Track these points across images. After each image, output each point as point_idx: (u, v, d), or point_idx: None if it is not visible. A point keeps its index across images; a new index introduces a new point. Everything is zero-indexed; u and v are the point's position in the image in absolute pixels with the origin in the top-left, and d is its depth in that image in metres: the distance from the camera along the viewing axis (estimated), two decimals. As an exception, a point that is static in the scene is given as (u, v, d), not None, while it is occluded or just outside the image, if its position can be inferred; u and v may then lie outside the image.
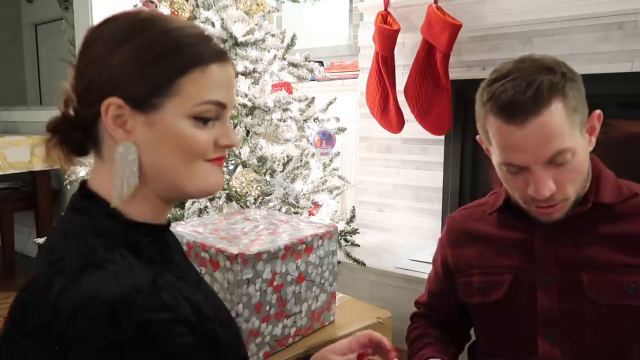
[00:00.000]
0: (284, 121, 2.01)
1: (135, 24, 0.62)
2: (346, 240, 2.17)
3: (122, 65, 0.60)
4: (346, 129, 2.19)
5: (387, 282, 2.09)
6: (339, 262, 2.08)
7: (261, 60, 1.98)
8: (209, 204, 1.81)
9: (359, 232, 2.21)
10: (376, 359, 0.85)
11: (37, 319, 0.53)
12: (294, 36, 2.11)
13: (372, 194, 2.59)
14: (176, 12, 1.95)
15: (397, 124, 2.28)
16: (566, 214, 0.88)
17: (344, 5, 3.14)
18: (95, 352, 0.50)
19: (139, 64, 0.60)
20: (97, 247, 0.58)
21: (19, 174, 2.95)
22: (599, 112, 0.88)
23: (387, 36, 2.17)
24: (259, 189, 1.87)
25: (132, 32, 0.61)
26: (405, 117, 2.26)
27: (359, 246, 2.20)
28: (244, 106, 1.94)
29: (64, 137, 0.64)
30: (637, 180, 0.94)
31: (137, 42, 0.61)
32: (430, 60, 2.12)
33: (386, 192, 2.54)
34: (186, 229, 1.13)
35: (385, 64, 2.22)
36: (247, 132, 1.98)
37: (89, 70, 0.61)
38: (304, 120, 2.07)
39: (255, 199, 1.88)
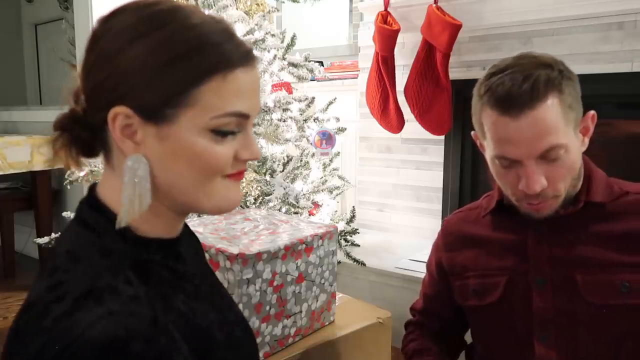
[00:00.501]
0: (284, 121, 2.01)
1: (150, 18, 0.54)
2: (346, 240, 2.17)
3: (133, 67, 0.52)
4: (346, 129, 2.19)
5: (387, 282, 2.09)
6: (339, 262, 2.08)
7: (261, 60, 1.98)
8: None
9: (359, 232, 2.22)
10: None
11: (27, 349, 0.48)
12: (294, 36, 2.11)
13: (372, 194, 2.59)
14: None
15: (397, 124, 2.28)
16: (557, 212, 0.88)
17: (344, 5, 3.14)
18: None
19: (153, 68, 0.52)
20: (101, 270, 0.52)
21: (19, 174, 2.95)
22: (593, 113, 0.88)
23: (387, 36, 2.17)
24: (259, 189, 1.87)
25: (146, 28, 0.53)
26: (405, 117, 2.26)
27: (359, 246, 2.21)
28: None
29: (73, 137, 0.57)
30: (637, 180, 0.94)
31: (152, 41, 0.53)
32: (430, 60, 2.12)
33: (386, 192, 2.54)
34: (186, 229, 1.13)
35: (385, 64, 2.22)
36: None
37: (97, 70, 0.54)
38: (304, 120, 2.07)
39: (255, 199, 1.88)
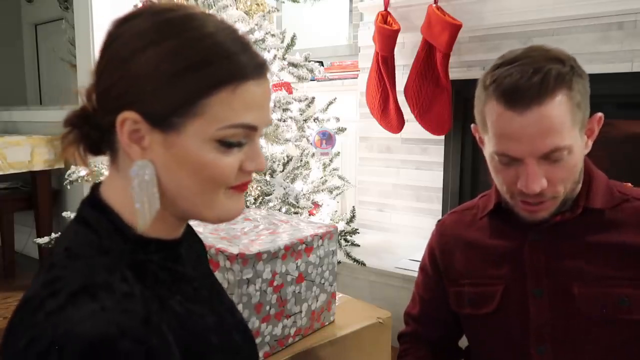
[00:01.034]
0: (284, 121, 2.01)
1: (164, 25, 0.54)
2: (346, 240, 2.17)
3: (144, 74, 0.53)
4: (346, 129, 2.19)
5: (387, 282, 2.09)
6: (339, 262, 2.08)
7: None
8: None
9: (359, 232, 2.22)
10: None
11: (17, 343, 0.48)
12: (294, 36, 2.11)
13: (372, 194, 2.59)
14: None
15: (397, 124, 2.28)
16: (554, 218, 0.85)
17: (344, 5, 3.14)
18: None
19: (163, 76, 0.53)
20: (98, 267, 0.53)
21: (19, 174, 2.95)
22: (600, 115, 0.84)
23: (387, 36, 2.17)
24: (259, 189, 1.87)
25: (159, 35, 0.53)
26: (405, 117, 2.26)
27: (359, 246, 2.20)
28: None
29: (82, 134, 0.58)
30: (637, 180, 0.93)
31: (164, 48, 0.53)
32: (430, 60, 2.12)
33: (386, 192, 2.54)
34: (186, 229, 1.13)
35: (385, 64, 2.22)
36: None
37: (108, 73, 0.55)
38: (304, 120, 2.07)
39: (255, 199, 1.88)
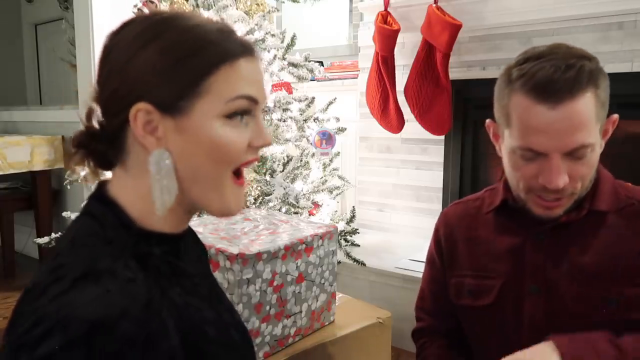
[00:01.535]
0: (284, 121, 2.01)
1: (154, 26, 0.59)
2: (346, 240, 2.17)
3: (146, 69, 0.57)
4: (346, 129, 2.19)
5: (387, 282, 2.09)
6: (339, 262, 2.08)
7: (261, 60, 1.98)
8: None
9: (359, 232, 2.21)
10: None
11: (21, 326, 0.50)
12: (294, 36, 2.11)
13: (372, 194, 2.59)
14: (176, 12, 1.95)
15: (397, 124, 2.28)
16: (559, 217, 0.86)
17: (344, 5, 3.14)
18: None
19: (164, 67, 0.57)
20: (102, 254, 0.55)
21: (19, 174, 2.95)
22: (616, 116, 0.86)
23: (387, 36, 2.17)
24: (259, 189, 1.87)
25: (152, 35, 0.58)
26: (405, 117, 2.26)
27: (359, 246, 2.20)
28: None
29: (88, 151, 0.62)
30: (637, 180, 0.93)
31: (159, 45, 0.58)
32: (430, 60, 2.12)
33: (386, 192, 2.54)
34: (186, 229, 1.13)
35: (385, 64, 2.22)
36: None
37: (111, 78, 0.59)
38: (304, 120, 2.07)
39: (255, 199, 1.88)
